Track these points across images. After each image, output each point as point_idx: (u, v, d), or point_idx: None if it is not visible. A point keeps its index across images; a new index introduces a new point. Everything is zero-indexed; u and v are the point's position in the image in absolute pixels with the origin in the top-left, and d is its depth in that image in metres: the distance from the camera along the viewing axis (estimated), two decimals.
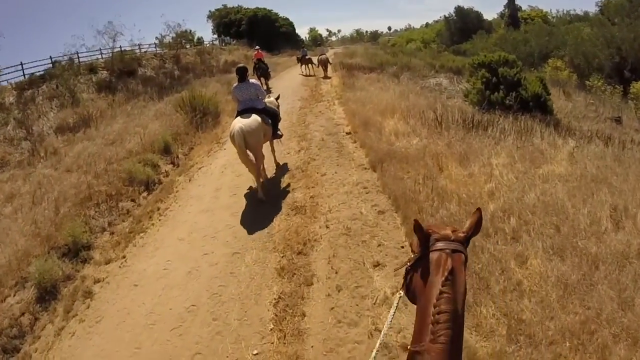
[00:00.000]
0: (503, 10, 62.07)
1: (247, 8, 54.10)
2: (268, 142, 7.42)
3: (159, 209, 7.25)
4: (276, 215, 6.01)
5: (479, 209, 1.66)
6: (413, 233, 1.57)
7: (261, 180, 6.63)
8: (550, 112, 13.16)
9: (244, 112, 6.47)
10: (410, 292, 1.62)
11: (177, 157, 10.21)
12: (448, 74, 22.55)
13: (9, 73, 22.04)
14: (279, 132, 7.42)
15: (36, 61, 22.70)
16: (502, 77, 13.42)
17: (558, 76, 22.56)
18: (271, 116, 6.98)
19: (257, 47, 20.63)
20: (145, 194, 8.28)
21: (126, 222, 6.97)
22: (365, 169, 7.15)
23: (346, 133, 9.19)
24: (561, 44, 30.64)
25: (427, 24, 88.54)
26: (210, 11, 55.82)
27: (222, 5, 55.33)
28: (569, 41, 29.08)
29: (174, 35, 30.36)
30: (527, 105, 12.71)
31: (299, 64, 24.52)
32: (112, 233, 6.59)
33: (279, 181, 7.36)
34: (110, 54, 23.96)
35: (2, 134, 16.37)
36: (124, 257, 5.76)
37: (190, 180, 8.35)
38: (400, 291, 1.71)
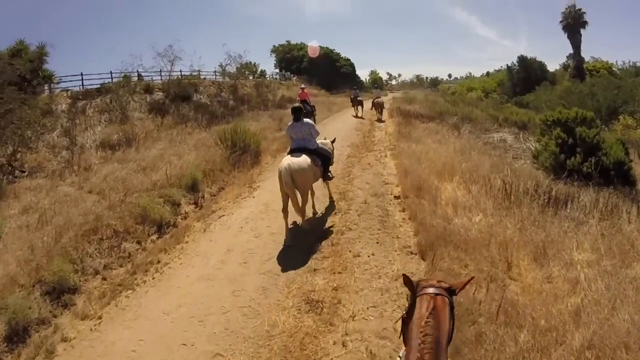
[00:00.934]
0: (566, 61, 59.59)
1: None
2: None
3: (159, 261, 6.19)
4: (284, 305, 4.66)
5: (472, 278, 2.27)
6: None
7: (304, 220, 6.56)
8: (633, 184, 11.15)
9: (295, 151, 6.46)
10: (405, 335, 1.90)
11: (203, 197, 9.21)
12: (512, 129, 20.72)
13: (68, 81, 22.61)
14: (329, 174, 7.26)
15: (96, 74, 23.13)
16: (580, 139, 11.65)
17: (630, 135, 20.25)
18: (322, 158, 6.86)
19: (302, 87, 18.29)
20: (155, 236, 7.30)
21: (122, 269, 6.03)
22: (412, 253, 5.64)
23: (395, 197, 7.74)
24: (630, 98, 28.29)
25: (488, 73, 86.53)
26: (274, 46, 57.03)
27: (286, 41, 56.44)
28: (638, 96, 26.68)
29: (238, 65, 30.54)
30: (607, 173, 10.83)
31: (352, 105, 23.84)
32: (104, 278, 5.74)
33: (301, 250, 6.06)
34: (167, 77, 23.99)
35: (46, 139, 16.19)
36: (100, 317, 4.80)
37: (205, 231, 7.24)
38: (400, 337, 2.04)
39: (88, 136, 17.20)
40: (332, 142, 7.87)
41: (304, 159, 6.24)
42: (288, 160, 6.14)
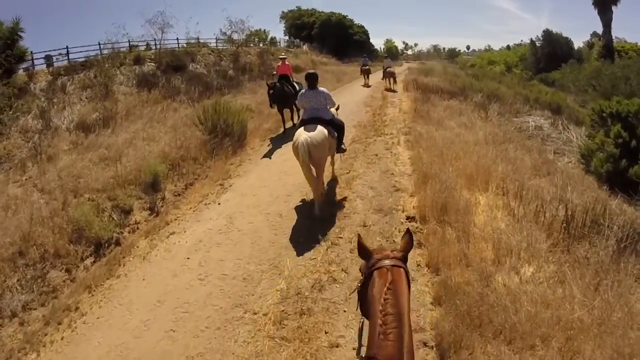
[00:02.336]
0: (590, 39, 55.56)
1: (321, 12, 51.88)
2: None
3: (77, 308, 4.43)
4: None
5: (408, 230, 2.02)
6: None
7: (320, 194, 5.89)
8: None
9: (308, 122, 5.95)
10: (364, 308, 1.85)
11: (163, 198, 7.26)
12: (545, 112, 17.92)
13: (54, 56, 20.59)
14: (342, 146, 6.66)
15: (83, 46, 20.99)
16: None
17: None
18: (337, 128, 6.34)
19: (282, 56, 12.80)
20: (90, 259, 5.54)
21: (40, 311, 4.49)
22: (428, 346, 3.34)
23: (407, 218, 5.47)
24: None
25: (508, 47, 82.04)
26: (283, 12, 54.25)
27: (296, 7, 53.57)
28: None
29: (248, 32, 28.20)
30: None
31: (362, 74, 22.99)
32: (21, 324, 4.33)
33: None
34: (158, 46, 21.81)
35: (21, 124, 14.41)
36: None
37: (144, 259, 5.27)
38: (360, 321, 2.08)
39: (65, 116, 15.29)
40: (336, 108, 6.93)
41: (321, 131, 5.71)
42: (304, 135, 5.58)
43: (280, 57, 12.72)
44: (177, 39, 25.85)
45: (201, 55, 24.53)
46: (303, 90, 6.37)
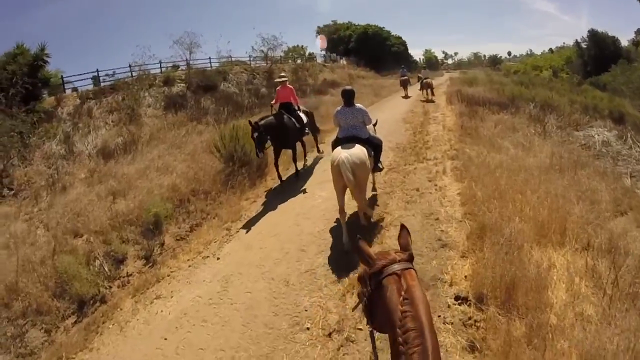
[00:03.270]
0: (635, 37, 51.09)
1: (358, 24, 50.86)
2: None
3: None
4: None
5: (402, 225, 1.78)
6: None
7: (366, 214, 5.44)
8: None
9: (345, 141, 5.53)
10: (377, 323, 1.67)
11: (162, 244, 6.16)
12: (606, 122, 15.63)
13: (80, 80, 20.65)
14: (379, 165, 6.22)
15: (112, 69, 20.83)
16: None
17: None
18: (374, 147, 5.85)
19: (283, 78, 9.03)
20: (73, 319, 4.89)
21: None
22: None
23: (456, 298, 3.83)
24: None
25: (551, 50, 78.25)
26: (318, 27, 53.91)
27: (332, 21, 53.10)
28: None
29: (285, 49, 27.70)
30: None
31: (401, 87, 22.34)
32: None
33: None
34: (186, 66, 21.30)
35: (45, 149, 14.06)
36: None
37: (122, 330, 4.35)
38: (368, 326, 1.77)
39: (89, 142, 14.84)
40: (374, 124, 6.51)
41: (361, 151, 5.31)
42: (345, 153, 5.14)
43: (280, 78, 9.07)
44: (210, 58, 25.38)
45: (233, 74, 23.92)
46: (339, 108, 5.90)
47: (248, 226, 6.21)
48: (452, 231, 4.97)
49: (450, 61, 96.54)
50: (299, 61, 34.04)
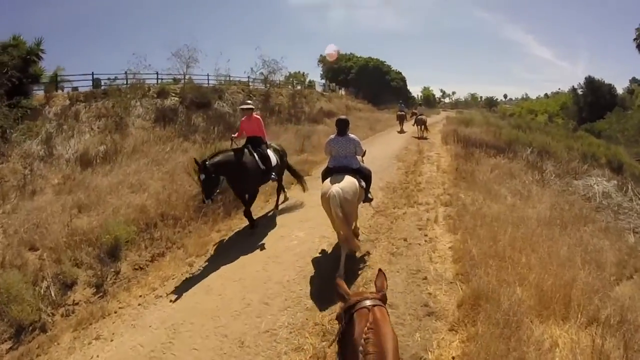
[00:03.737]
0: (629, 85, 52.28)
1: (359, 56, 51.16)
2: None
3: None
4: None
5: (380, 270, 1.95)
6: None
7: (355, 245, 5.11)
8: None
9: (335, 171, 5.40)
10: (345, 356, 1.70)
11: (118, 272, 5.51)
12: (604, 171, 15.23)
13: (77, 81, 20.06)
14: (369, 195, 5.95)
15: (109, 74, 20.38)
16: None
17: None
18: (365, 178, 5.68)
19: (247, 105, 7.58)
20: (7, 345, 4.36)
21: None
22: None
23: None
24: None
25: (546, 95, 79.95)
26: (321, 55, 53.93)
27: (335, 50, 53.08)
28: None
29: (287, 74, 27.48)
30: None
31: (397, 121, 22.30)
32: None
33: None
34: (183, 80, 20.88)
35: (25, 147, 13.30)
36: None
37: None
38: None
39: (70, 146, 14.15)
40: (362, 155, 6.13)
41: (352, 182, 5.23)
42: (336, 187, 5.02)
43: (245, 105, 7.66)
44: (208, 75, 25.00)
45: (229, 94, 23.45)
46: (332, 136, 5.76)
47: (212, 265, 5.53)
48: (442, 295, 4.30)
49: (447, 100, 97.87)
50: (298, 87, 33.85)
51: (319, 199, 5.21)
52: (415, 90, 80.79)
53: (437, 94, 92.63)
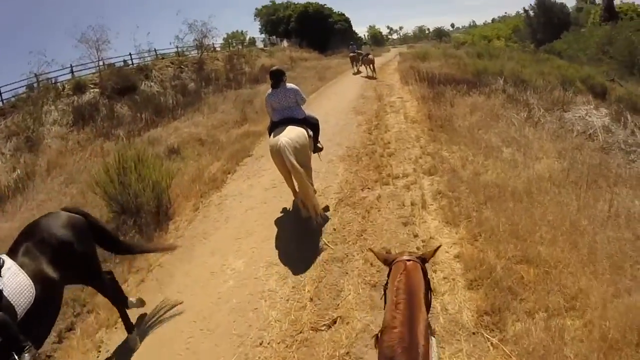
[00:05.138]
0: (577, 3, 52.50)
1: (297, 3, 48.08)
2: None
3: None
4: None
5: (440, 245, 2.35)
6: None
7: (314, 204, 4.77)
8: None
9: (280, 124, 5.15)
10: (385, 299, 1.85)
11: None
12: (588, 98, 13.40)
13: None
14: (319, 144, 5.77)
15: (13, 82, 17.25)
16: None
17: None
18: (312, 127, 5.44)
19: None
20: None
21: None
22: None
23: None
24: None
25: (493, 20, 79.62)
26: (256, 9, 50.76)
27: (270, 1, 49.83)
28: None
29: (224, 36, 24.88)
30: None
31: (352, 65, 21.26)
32: None
33: None
34: (97, 67, 18.13)
35: None
36: None
37: None
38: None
39: None
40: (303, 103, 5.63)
41: (301, 132, 5.00)
42: (285, 138, 4.77)
43: None
44: (130, 54, 22.06)
45: (157, 70, 20.77)
46: (269, 91, 5.45)
47: (121, 346, 3.65)
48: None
49: (395, 36, 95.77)
50: (240, 47, 31.10)
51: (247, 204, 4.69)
52: (362, 30, 78.41)
53: (385, 32, 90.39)
